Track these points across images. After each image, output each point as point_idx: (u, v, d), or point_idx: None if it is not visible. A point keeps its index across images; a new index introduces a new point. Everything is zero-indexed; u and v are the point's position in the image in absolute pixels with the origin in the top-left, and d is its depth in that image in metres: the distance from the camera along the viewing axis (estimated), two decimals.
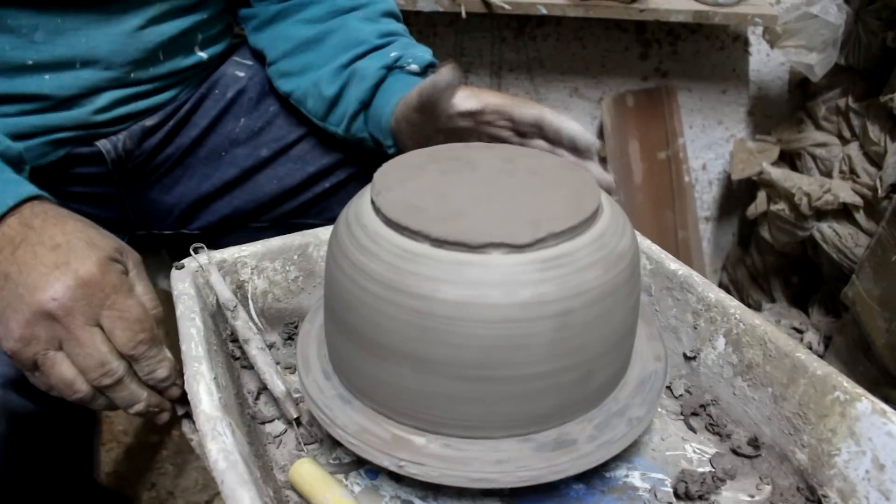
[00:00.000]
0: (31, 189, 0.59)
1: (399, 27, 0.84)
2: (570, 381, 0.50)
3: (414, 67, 0.76)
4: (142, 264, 0.61)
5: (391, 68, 0.76)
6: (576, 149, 0.66)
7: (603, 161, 1.86)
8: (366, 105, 0.77)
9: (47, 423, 0.64)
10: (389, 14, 0.85)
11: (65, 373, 0.54)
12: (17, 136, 0.70)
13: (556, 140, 0.66)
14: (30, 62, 0.70)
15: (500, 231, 0.48)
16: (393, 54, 0.77)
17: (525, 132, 0.69)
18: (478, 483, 0.49)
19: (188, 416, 0.60)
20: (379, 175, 0.56)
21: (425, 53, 0.78)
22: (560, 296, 0.48)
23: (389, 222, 0.50)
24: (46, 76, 0.71)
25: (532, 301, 0.47)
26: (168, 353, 0.58)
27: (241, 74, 0.89)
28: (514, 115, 0.67)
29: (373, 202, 0.53)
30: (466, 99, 0.69)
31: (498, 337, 0.47)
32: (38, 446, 0.64)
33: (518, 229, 0.48)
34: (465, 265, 0.47)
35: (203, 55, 0.84)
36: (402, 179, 0.55)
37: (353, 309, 0.51)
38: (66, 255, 0.54)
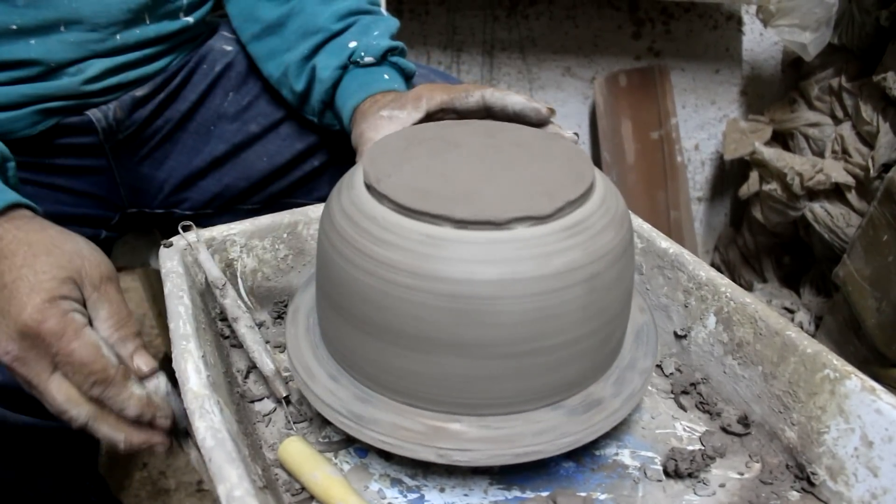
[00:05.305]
0: (8, 197, 0.57)
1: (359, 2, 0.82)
2: (595, 344, 0.51)
3: (369, 60, 0.76)
4: (112, 277, 0.57)
5: (346, 66, 0.77)
6: (525, 121, 0.65)
7: (595, 139, 1.85)
8: (328, 104, 0.79)
9: (52, 435, 0.62)
10: None
11: (52, 405, 0.53)
12: (6, 106, 0.69)
13: (504, 117, 0.66)
14: (14, 27, 0.69)
15: (520, 205, 0.48)
16: (352, 45, 0.77)
17: (472, 117, 0.68)
18: (522, 457, 0.49)
19: (187, 434, 0.59)
20: (367, 162, 0.54)
21: (381, 39, 0.78)
22: (587, 260, 0.48)
23: (402, 209, 0.48)
24: (32, 41, 0.70)
25: (565, 269, 0.47)
26: (137, 390, 0.54)
27: (229, 49, 0.89)
28: (458, 109, 0.67)
29: (373, 189, 0.51)
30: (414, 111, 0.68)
31: (535, 309, 0.47)
32: (38, 457, 0.62)
33: (536, 201, 0.48)
34: (495, 243, 0.47)
35: (189, 20, 0.83)
36: (394, 164, 0.53)
37: (374, 303, 0.49)
38: (7, 301, 0.52)
